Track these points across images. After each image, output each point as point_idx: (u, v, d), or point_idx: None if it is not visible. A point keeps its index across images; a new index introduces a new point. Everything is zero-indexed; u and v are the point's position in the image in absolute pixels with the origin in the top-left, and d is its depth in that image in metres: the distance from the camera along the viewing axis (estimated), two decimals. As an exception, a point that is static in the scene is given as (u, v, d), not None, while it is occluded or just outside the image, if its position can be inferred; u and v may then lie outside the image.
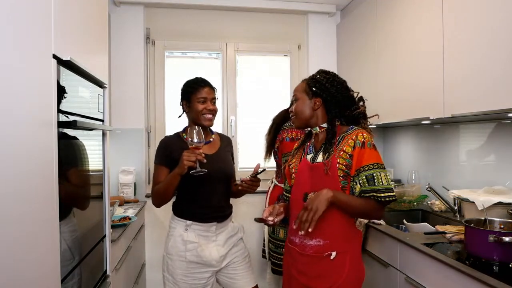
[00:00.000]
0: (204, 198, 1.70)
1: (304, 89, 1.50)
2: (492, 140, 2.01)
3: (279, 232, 2.33)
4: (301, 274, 1.45)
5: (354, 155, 1.37)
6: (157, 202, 1.70)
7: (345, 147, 1.39)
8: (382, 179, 1.35)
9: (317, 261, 1.41)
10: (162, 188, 1.64)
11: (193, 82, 1.76)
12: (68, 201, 1.20)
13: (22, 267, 0.88)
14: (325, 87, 1.45)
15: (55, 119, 1.07)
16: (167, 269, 1.71)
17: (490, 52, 1.56)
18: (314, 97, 1.47)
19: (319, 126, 1.49)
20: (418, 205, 2.37)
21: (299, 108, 1.50)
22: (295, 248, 1.48)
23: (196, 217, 1.69)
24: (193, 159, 1.52)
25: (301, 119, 1.51)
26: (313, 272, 1.42)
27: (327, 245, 1.40)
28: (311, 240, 1.42)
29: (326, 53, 3.28)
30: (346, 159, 1.38)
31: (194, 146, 1.54)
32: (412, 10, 2.12)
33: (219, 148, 1.80)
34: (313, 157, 1.49)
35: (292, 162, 1.57)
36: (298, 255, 1.46)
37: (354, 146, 1.38)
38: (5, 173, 0.81)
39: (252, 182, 1.67)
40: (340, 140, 1.43)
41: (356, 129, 1.42)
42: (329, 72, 1.52)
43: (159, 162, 1.72)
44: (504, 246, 1.26)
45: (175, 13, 3.13)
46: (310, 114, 1.48)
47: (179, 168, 1.55)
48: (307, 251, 1.43)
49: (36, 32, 0.98)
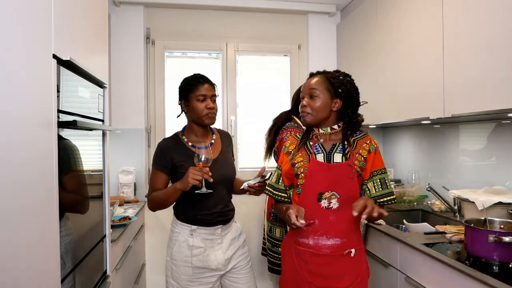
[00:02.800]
0: (209, 205, 1.64)
1: (326, 87, 1.45)
2: (492, 140, 2.01)
3: (275, 231, 2.34)
4: (317, 277, 1.43)
5: (369, 159, 1.45)
6: (154, 208, 1.66)
7: (361, 150, 1.46)
8: (389, 183, 1.48)
9: (336, 260, 1.42)
10: (161, 198, 1.59)
11: (191, 79, 1.67)
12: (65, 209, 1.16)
13: (22, 267, 0.88)
14: (348, 90, 1.46)
15: (55, 119, 1.07)
16: (171, 274, 1.66)
17: (490, 52, 1.56)
18: (336, 97, 1.45)
19: (331, 127, 1.48)
20: (418, 205, 2.37)
21: (317, 105, 1.44)
22: (307, 249, 1.44)
23: (200, 222, 1.64)
24: (200, 178, 1.45)
25: (317, 117, 1.46)
26: (332, 272, 1.42)
27: (344, 244, 1.42)
28: (328, 240, 1.42)
29: (326, 53, 3.28)
30: (361, 162, 1.45)
31: (202, 164, 1.47)
32: (412, 10, 2.12)
33: (221, 150, 1.74)
34: (327, 157, 1.47)
35: (297, 162, 1.49)
36: (311, 257, 1.43)
37: (370, 150, 1.46)
38: (5, 173, 0.80)
39: (261, 187, 1.62)
40: (354, 144, 1.47)
41: (365, 135, 1.50)
42: (349, 75, 1.51)
43: (157, 168, 1.65)
44: (504, 246, 1.26)
45: (175, 13, 3.13)
46: (328, 114, 1.46)
47: (182, 184, 1.48)
48: (323, 251, 1.42)
49: (36, 32, 0.98)
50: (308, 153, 1.49)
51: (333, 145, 1.48)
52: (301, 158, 1.50)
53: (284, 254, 1.57)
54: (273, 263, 2.37)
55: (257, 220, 3.06)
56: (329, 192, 1.42)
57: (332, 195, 1.42)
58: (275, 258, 2.36)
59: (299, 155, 1.50)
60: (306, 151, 1.50)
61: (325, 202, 1.42)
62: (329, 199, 1.42)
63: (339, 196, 1.41)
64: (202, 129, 1.71)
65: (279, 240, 2.31)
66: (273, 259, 2.37)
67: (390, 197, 1.46)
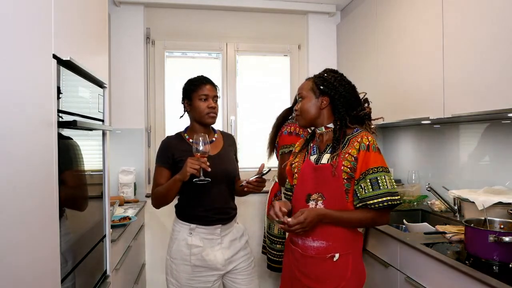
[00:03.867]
0: (208, 201, 1.66)
1: (310, 87, 1.47)
2: (492, 140, 2.01)
3: (274, 228, 2.35)
4: (304, 276, 1.44)
5: (359, 158, 1.36)
6: (156, 204, 1.68)
7: (350, 150, 1.38)
8: (387, 183, 1.34)
9: (320, 263, 1.40)
10: (162, 192, 1.62)
11: (195, 79, 1.73)
12: (64, 204, 1.17)
13: (22, 267, 0.88)
14: (334, 85, 1.44)
15: (55, 119, 1.07)
16: (171, 273, 1.67)
17: (490, 52, 1.56)
18: (321, 95, 1.45)
19: (325, 126, 1.47)
20: (418, 205, 2.37)
21: (304, 106, 1.47)
22: (297, 249, 1.46)
23: (200, 220, 1.66)
24: (197, 167, 1.48)
25: (306, 118, 1.48)
26: (315, 273, 1.41)
27: (329, 247, 1.39)
28: (314, 242, 1.41)
29: (326, 53, 3.28)
30: (351, 162, 1.37)
31: (199, 155, 1.50)
32: (412, 10, 2.12)
33: (222, 147, 1.76)
34: (317, 158, 1.47)
35: (294, 162, 1.54)
36: (300, 256, 1.45)
37: (359, 149, 1.37)
38: (5, 173, 0.80)
39: (258, 183, 1.61)
40: (346, 143, 1.41)
41: (361, 132, 1.42)
42: (337, 71, 1.50)
43: (159, 164, 1.69)
44: (504, 246, 1.26)
45: (175, 13, 3.13)
46: (316, 113, 1.46)
47: (181, 174, 1.52)
48: (309, 252, 1.42)
49: (36, 32, 0.98)
50: (306, 154, 1.52)
51: (327, 145, 1.47)
52: (298, 158, 1.54)
53: (285, 251, 1.60)
54: (272, 261, 2.38)
55: (257, 220, 3.07)
56: (316, 193, 1.42)
57: (319, 196, 1.41)
58: (274, 255, 2.37)
59: (299, 156, 1.55)
60: (305, 152, 1.54)
61: (313, 204, 1.42)
62: (316, 200, 1.41)
63: (325, 198, 1.40)
64: (204, 128, 1.74)
65: (278, 237, 2.33)
66: (272, 256, 2.38)
67: (382, 198, 1.32)
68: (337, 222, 1.37)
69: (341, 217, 1.37)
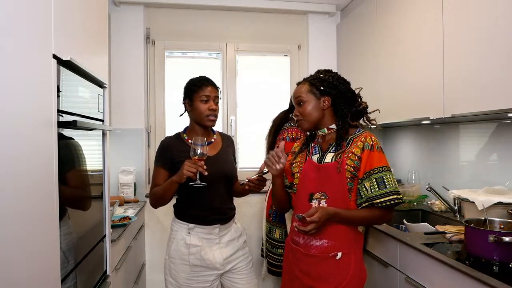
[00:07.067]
0: (206, 201, 1.67)
1: (309, 90, 1.47)
2: (492, 140, 2.01)
3: (275, 232, 2.33)
4: (305, 275, 1.45)
5: (363, 157, 1.38)
6: (154, 204, 1.68)
7: (354, 149, 1.40)
8: (391, 182, 1.38)
9: (322, 262, 1.41)
10: (159, 192, 1.62)
11: (197, 80, 1.73)
12: (66, 203, 1.18)
13: (22, 267, 0.88)
14: (334, 84, 1.45)
15: (55, 119, 1.07)
16: (169, 272, 1.68)
17: (490, 52, 1.56)
18: (322, 96, 1.45)
19: (327, 127, 1.48)
20: (418, 205, 2.37)
21: (307, 110, 1.46)
22: (299, 248, 1.47)
23: (198, 220, 1.66)
24: (194, 170, 1.47)
25: (310, 121, 1.47)
26: (317, 273, 1.41)
27: (332, 246, 1.40)
28: (316, 241, 1.41)
29: (326, 53, 3.28)
30: (354, 161, 1.38)
31: (197, 158, 1.50)
32: (412, 10, 2.12)
33: (221, 148, 1.77)
34: (320, 158, 1.48)
35: (295, 161, 1.55)
36: (302, 256, 1.45)
37: (363, 148, 1.39)
38: (5, 173, 0.80)
39: (259, 181, 1.61)
40: (349, 142, 1.43)
41: (364, 132, 1.44)
42: (331, 70, 1.52)
43: (158, 164, 1.70)
44: (504, 246, 1.26)
45: (175, 13, 3.13)
46: (320, 114, 1.46)
47: (178, 176, 1.52)
48: (311, 252, 1.42)
49: (36, 32, 0.98)
50: (307, 153, 1.53)
51: (329, 145, 1.48)
52: (299, 158, 1.55)
53: (285, 250, 1.60)
54: (274, 265, 2.35)
55: (256, 220, 3.07)
56: (319, 193, 1.42)
57: (322, 195, 1.42)
58: (275, 260, 2.33)
59: (299, 156, 1.56)
60: (306, 152, 1.55)
61: (316, 203, 1.42)
62: (319, 199, 1.42)
63: (328, 197, 1.41)
64: (203, 129, 1.75)
65: (279, 241, 2.30)
66: (273, 261, 2.35)
67: (390, 197, 1.36)
68: (345, 221, 1.38)
69: (349, 216, 1.38)
